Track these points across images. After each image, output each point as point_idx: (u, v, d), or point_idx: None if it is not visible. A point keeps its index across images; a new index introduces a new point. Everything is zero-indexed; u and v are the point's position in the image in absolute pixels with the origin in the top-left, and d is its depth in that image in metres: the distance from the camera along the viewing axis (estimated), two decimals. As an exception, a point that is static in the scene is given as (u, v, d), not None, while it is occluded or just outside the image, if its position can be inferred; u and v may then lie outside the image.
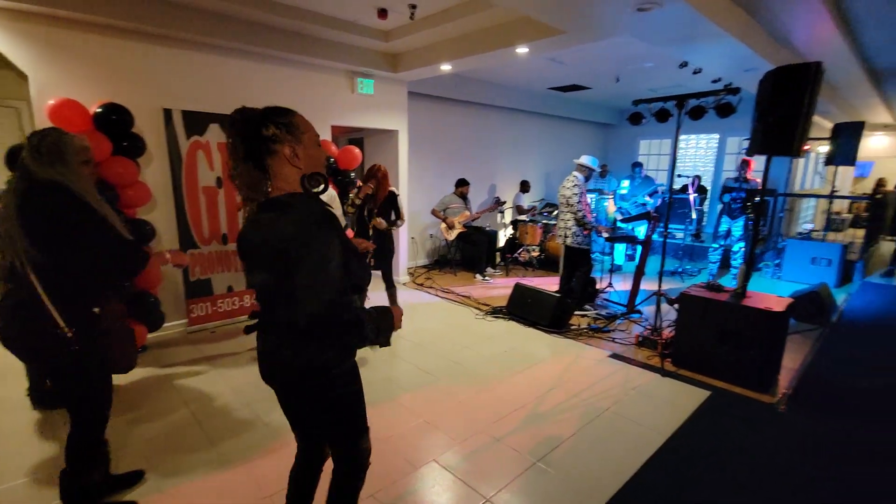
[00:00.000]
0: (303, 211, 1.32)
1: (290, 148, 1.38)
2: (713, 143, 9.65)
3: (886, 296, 5.92)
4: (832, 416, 2.96)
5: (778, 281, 6.48)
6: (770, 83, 3.00)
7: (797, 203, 8.68)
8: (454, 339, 4.16)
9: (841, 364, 3.76)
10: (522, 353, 3.88)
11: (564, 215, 4.79)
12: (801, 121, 2.89)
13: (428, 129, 6.97)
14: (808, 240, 6.62)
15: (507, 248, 7.42)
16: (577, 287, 4.85)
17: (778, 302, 3.35)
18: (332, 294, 1.28)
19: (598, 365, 3.66)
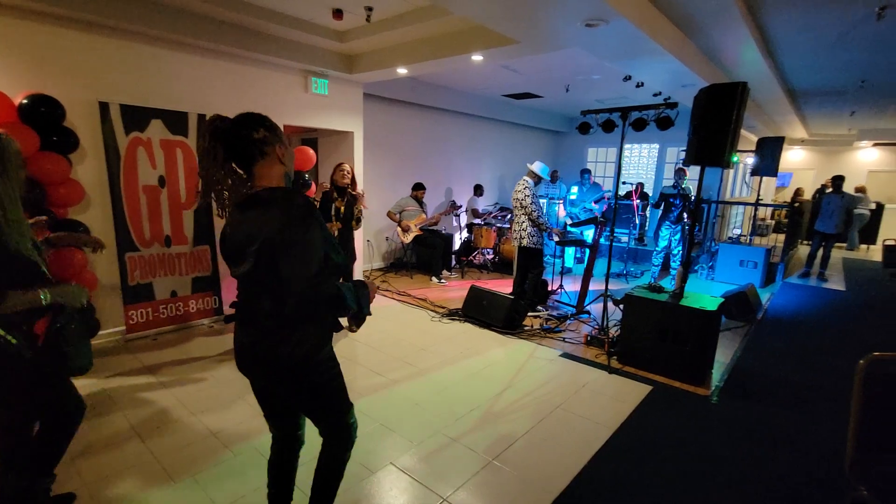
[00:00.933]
0: (288, 204, 1.39)
1: (281, 148, 1.49)
2: (654, 152, 10.26)
3: (803, 295, 6.54)
4: (758, 405, 3.24)
5: (711, 282, 6.97)
6: (703, 99, 3.25)
7: (728, 210, 9.40)
8: (410, 342, 4.17)
9: (765, 357, 4.11)
10: (478, 354, 3.94)
11: (519, 217, 4.92)
12: (730, 135, 3.16)
13: (384, 131, 6.94)
14: (737, 244, 7.18)
15: (463, 250, 7.51)
16: (530, 289, 4.99)
17: (711, 302, 3.62)
18: (314, 274, 1.37)
19: (549, 364, 3.79)
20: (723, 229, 8.98)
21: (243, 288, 1.49)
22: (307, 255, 1.37)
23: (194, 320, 4.39)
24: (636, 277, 7.15)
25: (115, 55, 3.75)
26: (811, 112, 9.11)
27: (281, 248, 1.35)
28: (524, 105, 8.83)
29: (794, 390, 3.50)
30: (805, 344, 4.52)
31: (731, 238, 7.73)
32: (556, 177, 8.83)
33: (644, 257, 7.85)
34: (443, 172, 8.14)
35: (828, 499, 2.32)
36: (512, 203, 5.06)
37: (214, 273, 4.43)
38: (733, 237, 7.58)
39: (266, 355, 1.48)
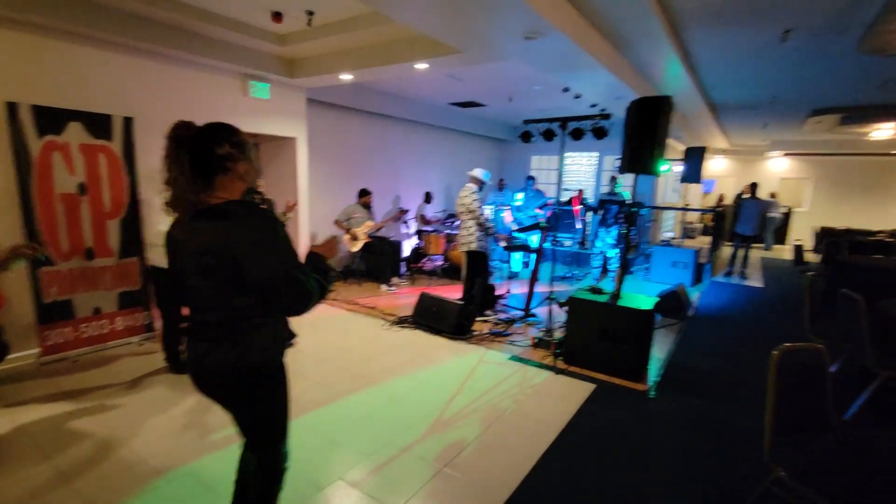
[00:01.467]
0: (256, 218, 1.40)
1: (244, 166, 1.48)
2: (594, 160, 10.78)
3: (728, 292, 7.10)
4: (691, 397, 3.47)
5: (647, 282, 7.40)
6: (633, 111, 3.47)
7: (660, 214, 10.04)
8: (359, 351, 4.11)
9: (697, 352, 4.42)
10: (428, 362, 3.94)
11: (466, 223, 4.98)
12: (657, 145, 3.39)
13: (329, 137, 6.82)
14: (669, 246, 7.68)
15: (413, 257, 7.49)
16: (478, 294, 5.06)
17: (646, 301, 3.84)
18: (294, 266, 1.43)
19: (499, 367, 3.86)
20: (656, 233, 9.57)
21: (195, 299, 1.47)
22: (288, 261, 1.40)
23: (121, 339, 4.07)
24: (580, 280, 7.44)
25: (26, 51, 3.43)
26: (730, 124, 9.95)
27: (257, 261, 1.36)
28: (470, 113, 8.99)
29: (723, 381, 3.78)
30: (731, 337, 4.90)
31: (663, 241, 8.25)
32: (502, 185, 9.04)
33: (587, 261, 8.19)
34: (391, 180, 8.10)
35: (753, 481, 2.52)
36: (457, 209, 5.12)
37: (144, 287, 4.13)
38: (666, 240, 8.09)
39: (216, 364, 1.46)
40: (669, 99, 3.39)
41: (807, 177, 13.14)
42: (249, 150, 1.51)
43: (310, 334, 4.52)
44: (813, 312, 3.73)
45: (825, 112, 7.70)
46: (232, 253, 1.36)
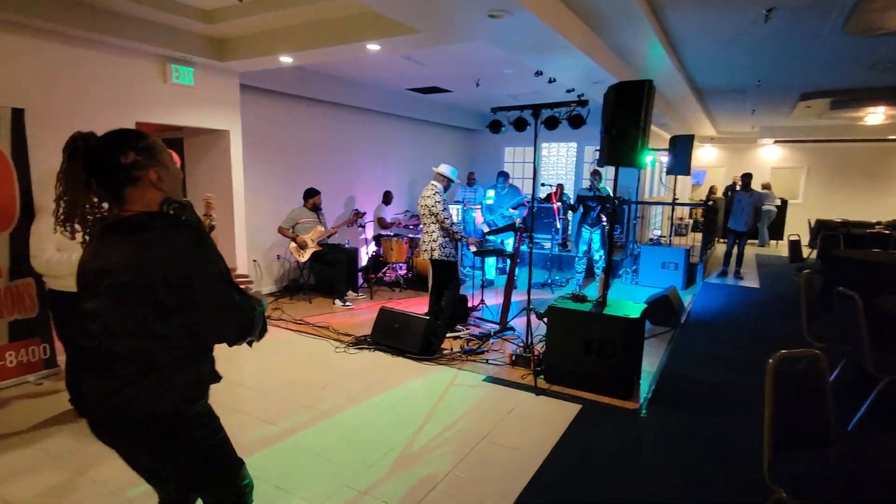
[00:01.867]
0: (179, 230, 1.38)
1: (155, 172, 1.46)
2: (572, 151, 11.03)
3: (722, 294, 7.39)
4: (685, 412, 3.57)
5: (636, 286, 7.61)
6: (612, 97, 3.57)
7: (647, 211, 10.36)
8: (310, 379, 4.04)
9: (691, 361, 4.57)
10: (391, 387, 3.91)
11: (429, 227, 4.98)
12: (640, 134, 3.49)
13: (269, 130, 6.71)
14: (657, 245, 7.92)
15: (371, 267, 7.45)
16: (447, 307, 5.07)
17: (634, 308, 3.93)
18: (238, 303, 1.43)
19: (473, 390, 3.87)
20: (644, 231, 9.87)
21: (98, 326, 1.41)
22: (223, 286, 1.39)
23: (13, 377, 3.83)
24: (561, 286, 7.58)
25: None
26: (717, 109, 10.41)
27: (187, 283, 1.34)
28: (433, 100, 9.03)
29: (718, 393, 3.92)
30: (727, 344, 5.10)
31: (651, 240, 8.50)
32: (472, 179, 9.11)
33: (569, 264, 8.36)
34: (344, 178, 8.03)
35: (752, 501, 2.61)
36: (419, 210, 5.11)
37: (43, 314, 3.91)
38: (654, 238, 8.35)
39: (125, 408, 1.39)
40: (651, 83, 3.50)
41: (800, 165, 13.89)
42: (161, 154, 1.49)
43: (249, 362, 4.40)
44: (810, 313, 3.92)
45: (814, 96, 8.16)
46: (150, 271, 1.32)
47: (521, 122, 4.62)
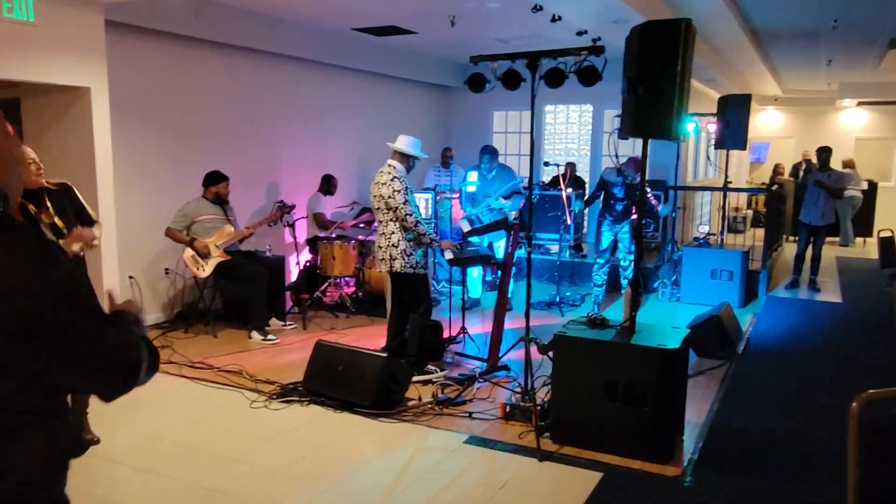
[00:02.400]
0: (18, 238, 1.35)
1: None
2: (587, 117, 11.13)
3: (793, 312, 7.53)
4: (745, 478, 3.60)
5: (676, 304, 7.69)
6: (636, 43, 3.60)
7: (690, 199, 10.53)
8: (213, 450, 3.96)
9: (752, 407, 4.63)
10: (334, 457, 3.86)
11: (386, 226, 4.94)
12: (677, 93, 3.53)
13: (151, 88, 6.60)
14: (705, 247, 8.03)
15: (304, 283, 7.36)
16: (413, 339, 5.02)
17: (673, 335, 3.96)
18: (114, 339, 1.40)
19: (450, 457, 3.83)
20: (686, 227, 10.01)
21: None
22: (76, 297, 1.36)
23: None
24: (574, 306, 7.60)
25: None
26: (782, 60, 10.66)
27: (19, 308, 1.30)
28: (390, 46, 9.01)
29: (789, 450, 3.98)
30: (799, 381, 5.19)
31: (697, 239, 8.62)
32: (448, 158, 9.10)
33: (585, 274, 8.42)
34: (263, 157, 7.94)
35: None
36: (372, 203, 5.07)
37: None
38: (700, 237, 8.46)
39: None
40: (689, 23, 3.54)
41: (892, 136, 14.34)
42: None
43: (123, 424, 4.28)
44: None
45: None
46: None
47: (512, 76, 4.62)
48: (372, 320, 6.91)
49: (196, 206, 6.25)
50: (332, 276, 7.28)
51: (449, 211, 8.22)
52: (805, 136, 15.05)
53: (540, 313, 7.12)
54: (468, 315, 6.20)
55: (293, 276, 7.78)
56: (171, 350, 5.84)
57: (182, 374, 5.26)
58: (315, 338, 5.31)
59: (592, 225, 9.69)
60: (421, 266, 5.01)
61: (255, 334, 6.21)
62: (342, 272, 7.29)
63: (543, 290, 8.04)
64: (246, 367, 5.37)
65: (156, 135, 6.68)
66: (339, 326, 6.72)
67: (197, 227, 6.20)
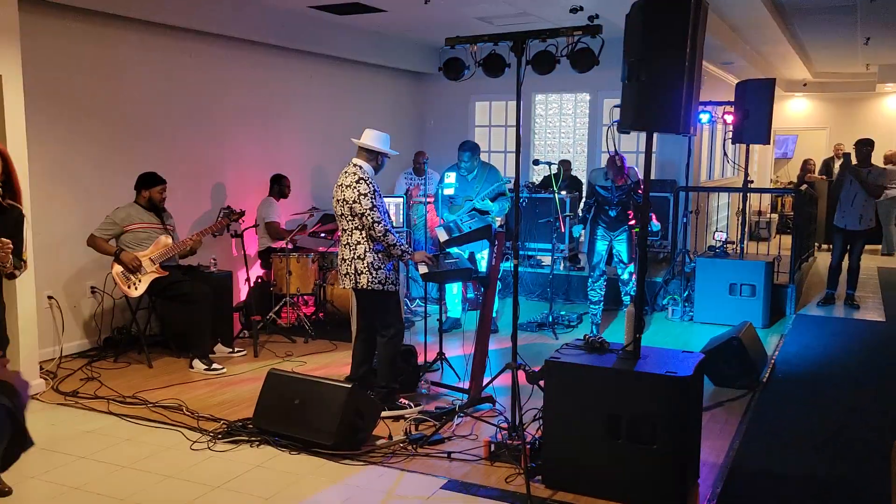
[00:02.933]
0: None
1: None
2: (583, 107, 11.21)
3: (826, 332, 7.62)
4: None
5: (688, 324, 7.76)
6: (638, 20, 3.66)
7: (705, 201, 10.62)
8: (145, 500, 3.95)
9: (778, 445, 4.66)
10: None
11: (351, 235, 4.96)
12: (685, 78, 3.58)
13: (73, 74, 6.62)
14: (722, 257, 8.11)
15: (255, 303, 7.34)
16: (383, 366, 5.03)
17: (685, 361, 3.99)
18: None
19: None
20: (700, 234, 10.10)
21: None
22: None
23: None
24: (570, 327, 7.64)
25: None
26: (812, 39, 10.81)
27: None
28: (354, 26, 9.06)
29: (821, 495, 4.01)
30: (834, 414, 5.23)
31: (712, 248, 8.69)
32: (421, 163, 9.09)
33: (582, 289, 8.47)
34: (206, 155, 7.95)
35: None
36: (334, 209, 5.08)
37: None
38: (717, 246, 8.54)
39: None
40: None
41: (939, 127, 14.56)
42: None
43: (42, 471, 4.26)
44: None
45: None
46: None
47: (495, 60, 4.66)
48: (335, 345, 6.92)
49: (127, 213, 6.24)
50: (287, 294, 7.26)
51: (423, 218, 8.24)
52: (840, 127, 15.30)
53: (530, 335, 7.15)
54: (446, 338, 6.24)
55: (242, 295, 7.74)
56: (97, 383, 5.84)
57: (110, 410, 5.24)
58: (268, 366, 5.31)
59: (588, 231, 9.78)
60: (391, 282, 5.02)
61: (197, 363, 6.19)
62: (300, 289, 7.28)
63: (534, 308, 8.08)
64: (186, 401, 5.36)
65: (79, 130, 6.68)
66: (297, 353, 6.70)
67: (128, 236, 6.18)
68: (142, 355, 6.43)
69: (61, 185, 6.52)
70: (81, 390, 5.63)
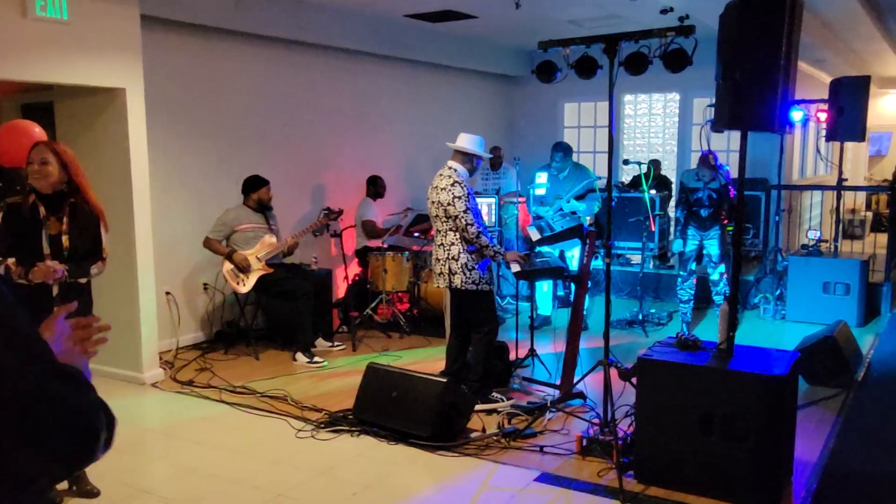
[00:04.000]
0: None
1: None
2: (673, 107, 10.95)
3: (925, 333, 7.22)
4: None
5: (781, 323, 7.49)
6: (733, 20, 3.55)
7: (798, 200, 10.23)
8: (255, 483, 4.05)
9: (874, 444, 4.46)
10: (389, 495, 3.88)
11: (444, 236, 4.98)
12: (781, 77, 3.46)
13: (188, 85, 6.83)
14: (815, 255, 7.79)
15: (352, 300, 7.47)
16: (476, 362, 5.04)
17: (779, 359, 3.87)
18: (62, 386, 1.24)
19: (519, 497, 3.83)
20: (792, 233, 9.73)
21: None
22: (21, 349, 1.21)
23: None
24: (660, 325, 7.48)
25: None
26: (908, 34, 10.26)
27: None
28: (446, 32, 9.09)
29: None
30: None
31: (806, 247, 8.38)
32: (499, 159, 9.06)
33: (672, 288, 8.28)
34: (308, 159, 8.11)
35: None
36: (429, 210, 5.11)
37: None
38: (810, 245, 8.24)
39: None
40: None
41: None
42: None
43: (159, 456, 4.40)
44: None
45: None
46: None
47: (587, 62, 4.61)
48: (428, 341, 6.96)
49: (236, 215, 6.43)
50: (383, 291, 7.35)
51: (515, 217, 8.21)
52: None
53: (620, 333, 7.04)
54: (537, 335, 6.19)
55: (341, 292, 7.89)
56: (210, 373, 6.03)
57: (222, 399, 5.41)
58: (366, 360, 5.39)
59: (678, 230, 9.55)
60: (485, 282, 5.02)
61: (299, 356, 6.32)
62: (395, 287, 7.35)
63: (623, 306, 7.95)
64: (290, 392, 5.48)
65: (192, 137, 6.91)
66: (392, 347, 6.80)
67: (237, 236, 6.37)
68: (249, 348, 6.60)
69: (177, 190, 6.76)
70: (196, 380, 5.83)
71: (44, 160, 3.72)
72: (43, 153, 3.75)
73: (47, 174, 3.71)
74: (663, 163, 10.57)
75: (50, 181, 3.73)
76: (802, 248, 8.51)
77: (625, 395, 4.56)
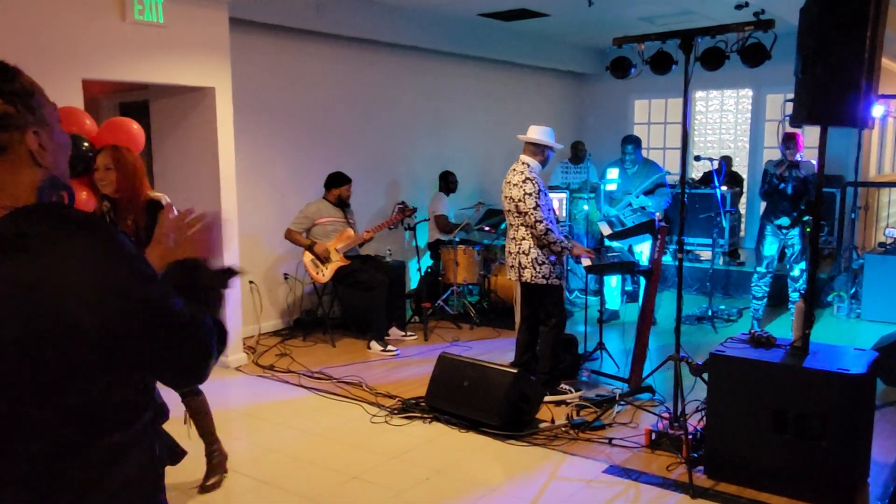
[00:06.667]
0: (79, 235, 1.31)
1: (36, 135, 1.36)
2: (745, 103, 10.64)
3: None
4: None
5: (857, 321, 7.20)
6: (816, 14, 3.42)
7: (875, 197, 9.80)
8: (332, 465, 4.12)
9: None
10: (460, 481, 3.91)
11: (516, 230, 4.97)
12: (864, 72, 3.31)
13: (272, 84, 6.97)
14: (893, 254, 7.46)
15: (425, 291, 7.51)
16: (545, 354, 5.02)
17: (856, 358, 3.73)
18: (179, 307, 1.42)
19: (588, 488, 3.81)
20: (869, 231, 9.33)
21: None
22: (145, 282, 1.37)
23: None
24: (730, 321, 7.29)
25: None
26: None
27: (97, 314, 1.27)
28: (519, 30, 9.05)
29: None
30: None
31: (883, 245, 8.07)
32: (581, 153, 8.97)
33: (741, 284, 8.10)
34: (383, 156, 8.20)
35: None
36: (503, 204, 5.10)
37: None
38: (888, 243, 7.93)
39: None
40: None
41: None
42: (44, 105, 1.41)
43: (240, 436, 4.55)
44: None
45: None
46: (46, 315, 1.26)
47: (662, 58, 4.51)
48: (498, 332, 6.96)
49: (317, 208, 6.55)
50: (454, 283, 7.37)
51: (584, 212, 8.11)
52: None
53: (689, 329, 6.90)
54: (606, 329, 6.12)
55: (414, 283, 7.95)
56: (289, 358, 6.15)
57: (301, 383, 5.52)
58: (437, 350, 5.44)
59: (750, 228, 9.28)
60: (555, 276, 4.98)
61: (374, 344, 6.40)
62: (465, 280, 7.37)
63: (692, 302, 7.80)
64: (365, 378, 5.56)
65: (275, 134, 7.06)
66: (463, 338, 6.81)
67: (317, 229, 6.49)
68: (326, 335, 6.71)
69: (261, 184, 6.91)
70: (276, 364, 5.97)
71: (101, 165, 3.70)
72: (102, 160, 3.68)
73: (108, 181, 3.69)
74: (734, 159, 10.30)
75: (111, 185, 3.70)
76: (879, 246, 8.20)
77: (695, 391, 4.49)
